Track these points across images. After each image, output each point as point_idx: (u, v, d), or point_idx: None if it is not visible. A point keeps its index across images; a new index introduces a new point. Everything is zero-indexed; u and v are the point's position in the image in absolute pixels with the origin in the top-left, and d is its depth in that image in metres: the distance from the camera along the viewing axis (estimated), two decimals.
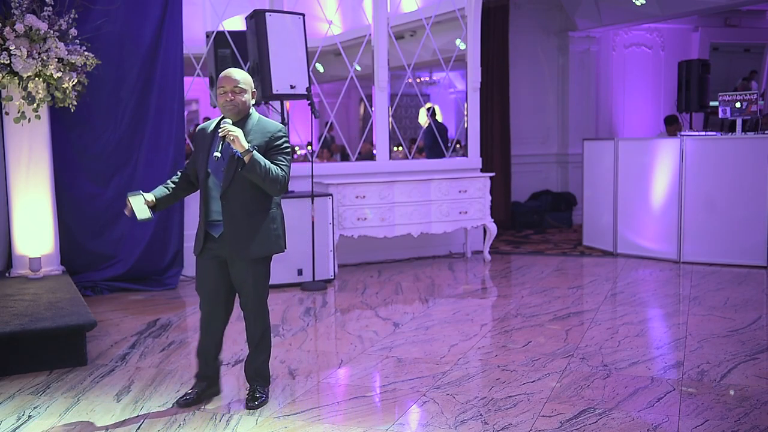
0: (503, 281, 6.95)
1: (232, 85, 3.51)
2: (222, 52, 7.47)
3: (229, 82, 3.52)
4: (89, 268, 6.43)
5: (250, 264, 3.60)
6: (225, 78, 3.54)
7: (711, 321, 5.19)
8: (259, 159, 3.44)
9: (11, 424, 3.50)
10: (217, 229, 3.58)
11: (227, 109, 3.54)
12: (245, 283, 3.64)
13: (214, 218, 3.58)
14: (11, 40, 5.42)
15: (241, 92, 3.53)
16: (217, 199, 3.54)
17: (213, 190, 3.57)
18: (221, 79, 3.54)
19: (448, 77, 10.63)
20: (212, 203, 3.57)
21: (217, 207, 3.56)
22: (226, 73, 3.56)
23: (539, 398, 3.72)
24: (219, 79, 3.56)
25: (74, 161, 6.32)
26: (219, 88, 3.54)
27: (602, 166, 8.15)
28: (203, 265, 3.65)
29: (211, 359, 3.76)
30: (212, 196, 3.57)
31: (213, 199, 3.57)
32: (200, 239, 3.61)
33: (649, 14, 9.66)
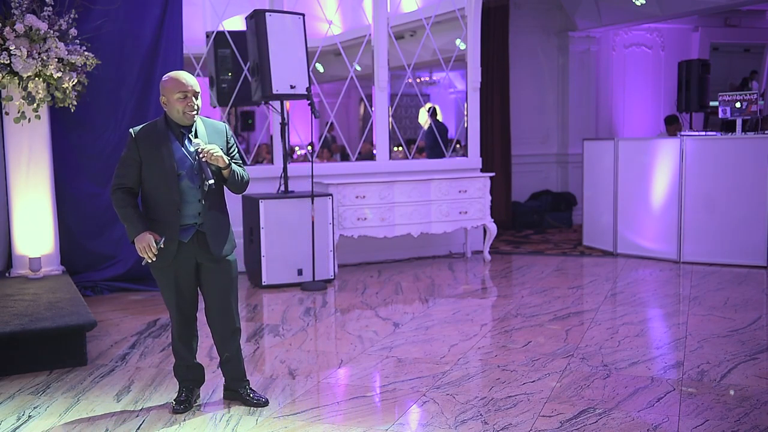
0: (503, 281, 6.94)
1: (192, 90, 3.38)
2: (222, 52, 7.47)
3: (188, 86, 3.37)
4: (89, 268, 6.43)
5: (229, 263, 3.59)
6: (181, 83, 3.37)
7: (711, 321, 5.19)
8: (235, 168, 3.50)
9: (11, 424, 3.50)
10: (187, 233, 3.46)
11: (188, 116, 3.40)
12: (225, 283, 3.59)
13: (187, 222, 3.45)
14: (11, 40, 5.42)
15: (198, 97, 3.43)
16: (193, 202, 3.44)
17: (188, 194, 3.43)
18: (176, 83, 3.36)
19: (448, 77, 10.63)
20: (186, 207, 3.43)
21: (192, 210, 3.44)
22: (179, 77, 3.39)
23: (539, 398, 3.72)
24: (171, 82, 3.37)
25: (74, 161, 6.32)
26: (176, 93, 3.35)
27: (602, 166, 8.15)
28: (174, 272, 3.50)
29: (195, 359, 3.74)
30: (187, 200, 3.42)
31: (187, 203, 3.43)
32: (171, 249, 3.43)
33: (649, 14, 9.66)
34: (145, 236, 3.36)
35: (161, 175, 3.40)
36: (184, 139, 3.45)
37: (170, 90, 3.38)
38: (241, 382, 3.72)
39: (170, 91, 3.38)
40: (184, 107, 3.38)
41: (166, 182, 3.40)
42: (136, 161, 3.43)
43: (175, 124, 3.45)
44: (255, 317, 5.62)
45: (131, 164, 3.44)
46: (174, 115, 3.42)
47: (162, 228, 3.41)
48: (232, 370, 3.71)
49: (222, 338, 3.67)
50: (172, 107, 3.40)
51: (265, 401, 3.68)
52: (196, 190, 3.44)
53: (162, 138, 3.42)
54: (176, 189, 3.40)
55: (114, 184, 3.46)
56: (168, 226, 3.42)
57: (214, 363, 4.40)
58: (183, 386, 3.69)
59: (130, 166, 3.44)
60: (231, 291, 3.63)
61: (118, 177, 3.46)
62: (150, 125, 3.49)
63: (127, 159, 3.44)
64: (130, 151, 3.43)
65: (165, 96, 3.41)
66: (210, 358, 4.50)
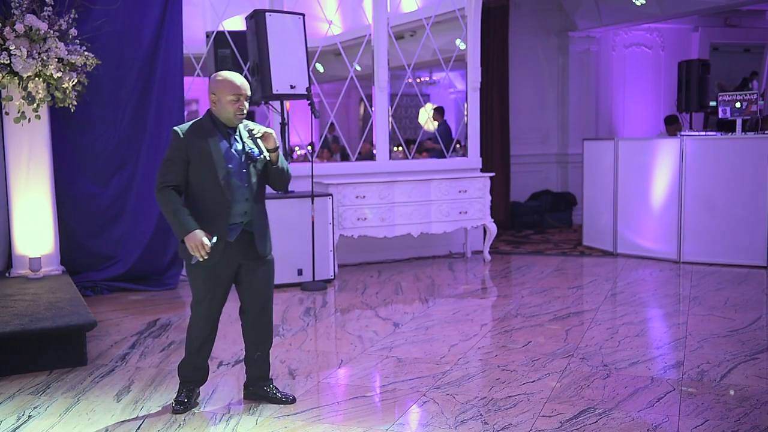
0: (503, 281, 6.94)
1: (245, 93, 3.42)
2: (222, 52, 7.47)
3: (241, 90, 3.41)
4: (89, 268, 6.43)
5: (270, 262, 3.62)
6: (235, 86, 3.40)
7: (711, 321, 5.19)
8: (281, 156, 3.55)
9: (11, 424, 3.50)
10: (233, 232, 3.47)
11: (239, 118, 3.44)
12: (265, 283, 3.62)
13: (234, 221, 3.45)
14: (11, 40, 5.42)
15: (248, 99, 3.46)
16: (241, 201, 3.45)
17: (236, 193, 3.44)
18: (231, 86, 3.39)
19: (448, 77, 10.62)
20: (234, 206, 3.44)
21: (240, 209, 3.46)
22: (233, 79, 3.42)
23: (539, 398, 3.72)
24: (225, 84, 3.40)
25: (74, 161, 6.32)
26: (229, 95, 3.38)
27: (602, 166, 8.15)
28: (215, 271, 3.48)
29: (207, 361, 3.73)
30: (235, 199, 3.43)
31: (235, 203, 3.43)
32: (218, 247, 3.41)
33: (649, 14, 9.66)
34: (196, 234, 3.33)
35: (211, 173, 3.39)
36: (230, 138, 3.47)
37: (223, 91, 3.40)
38: (266, 381, 3.73)
39: (223, 92, 3.40)
40: (236, 109, 3.41)
41: (217, 180, 3.39)
42: (183, 160, 3.42)
43: (222, 124, 3.46)
44: None
45: (178, 162, 3.42)
46: (223, 116, 3.44)
47: (210, 228, 3.39)
48: (260, 369, 3.72)
49: (257, 337, 3.67)
50: (222, 107, 3.42)
51: (292, 399, 3.69)
52: (243, 188, 3.45)
53: (210, 136, 3.43)
54: (228, 187, 3.40)
55: (159, 182, 3.42)
56: (217, 225, 3.41)
57: (213, 364, 4.40)
58: (184, 386, 3.66)
59: (177, 165, 3.42)
60: (271, 289, 3.67)
61: (163, 175, 3.42)
62: (195, 124, 3.48)
63: (174, 158, 3.42)
64: (178, 149, 3.41)
65: (216, 95, 3.42)
66: (210, 359, 4.49)
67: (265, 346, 3.70)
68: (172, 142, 3.45)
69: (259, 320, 3.66)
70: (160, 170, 3.46)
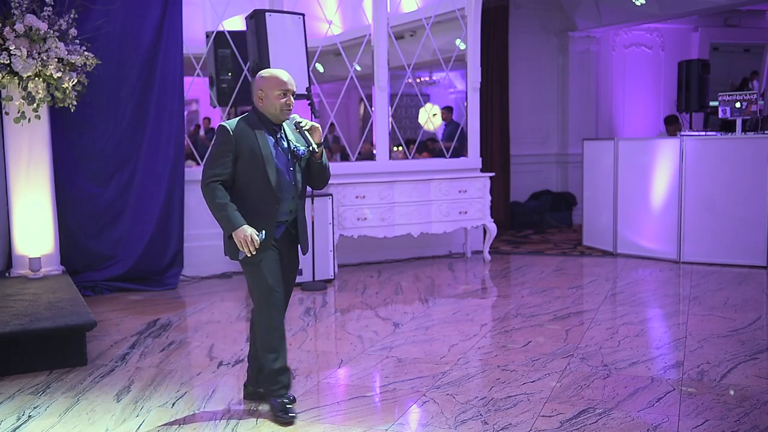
0: (503, 281, 6.94)
1: (291, 88, 3.41)
2: (222, 52, 7.47)
3: (288, 85, 3.40)
4: (89, 268, 6.43)
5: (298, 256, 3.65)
6: (282, 81, 3.39)
7: (711, 321, 5.19)
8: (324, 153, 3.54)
9: (11, 424, 3.50)
10: (279, 230, 3.46)
11: (286, 114, 3.42)
12: (295, 276, 3.69)
13: (281, 219, 3.45)
14: (11, 40, 5.42)
15: (294, 95, 3.45)
16: (288, 199, 3.43)
17: (285, 191, 3.43)
18: (278, 81, 3.39)
19: (448, 77, 10.63)
20: (284, 204, 3.42)
21: (287, 207, 3.45)
22: (280, 75, 3.41)
23: (539, 398, 3.72)
24: (273, 80, 3.39)
25: (74, 161, 6.32)
26: (276, 90, 3.37)
27: (602, 166, 8.15)
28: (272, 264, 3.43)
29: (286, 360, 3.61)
30: (284, 196, 3.41)
31: (284, 200, 3.42)
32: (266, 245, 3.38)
33: (649, 14, 9.66)
34: (245, 229, 3.29)
35: (260, 171, 3.36)
36: (276, 135, 3.45)
37: (270, 87, 3.39)
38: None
39: (270, 88, 3.39)
40: (283, 104, 3.40)
41: (267, 178, 3.36)
42: (232, 155, 3.36)
43: (268, 121, 3.44)
44: None
45: (227, 158, 3.36)
46: (270, 112, 3.42)
47: (257, 225, 3.36)
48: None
49: None
50: (270, 103, 3.40)
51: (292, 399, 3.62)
52: (291, 187, 3.44)
53: (258, 134, 3.39)
54: (278, 185, 3.38)
55: (207, 177, 3.36)
56: (264, 223, 3.38)
57: (213, 363, 4.40)
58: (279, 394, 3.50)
59: (225, 160, 3.36)
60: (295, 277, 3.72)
61: (212, 170, 3.36)
62: (242, 120, 3.43)
63: (223, 153, 3.36)
64: (227, 144, 3.36)
65: (263, 91, 3.41)
66: (210, 359, 4.50)
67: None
68: (220, 137, 3.38)
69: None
70: (207, 165, 3.40)
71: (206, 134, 12.75)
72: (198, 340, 4.94)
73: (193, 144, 8.38)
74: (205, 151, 8.87)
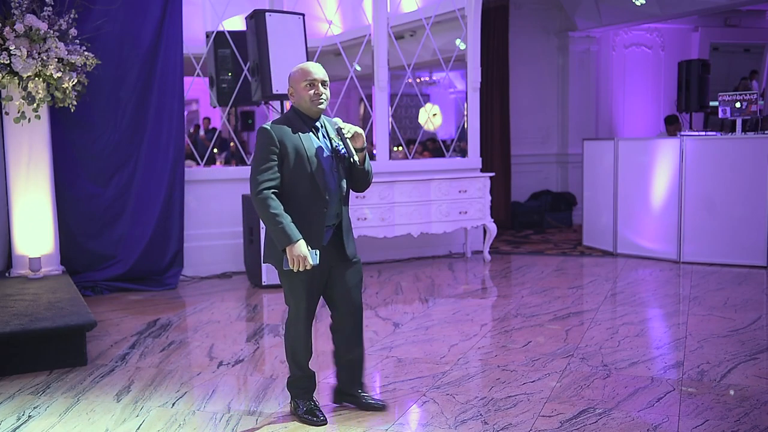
0: (503, 281, 6.94)
1: (319, 78, 3.27)
2: (222, 52, 7.47)
3: (313, 74, 3.26)
4: (89, 268, 6.43)
5: (359, 262, 3.48)
6: (307, 71, 3.27)
7: (711, 321, 5.19)
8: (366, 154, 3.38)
9: (11, 424, 3.50)
10: (327, 234, 3.33)
11: (316, 104, 3.27)
12: (358, 282, 3.48)
13: (329, 223, 3.32)
14: (11, 40, 5.42)
15: (326, 86, 3.32)
16: (334, 202, 3.30)
17: (332, 193, 3.29)
18: (302, 72, 3.27)
19: (448, 77, 10.64)
20: (331, 207, 3.30)
21: (334, 211, 3.31)
22: (305, 66, 3.29)
23: (539, 398, 3.72)
24: (297, 73, 3.28)
25: (74, 161, 6.32)
26: (302, 82, 3.25)
27: (602, 166, 8.15)
28: (314, 274, 3.30)
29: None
30: (331, 199, 3.29)
31: (332, 203, 3.29)
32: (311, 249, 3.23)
33: (649, 14, 9.66)
34: (300, 247, 3.16)
35: (305, 173, 3.23)
36: (318, 135, 3.32)
37: (297, 80, 3.28)
38: (360, 386, 3.62)
39: (297, 81, 3.28)
40: (312, 95, 3.26)
41: (314, 181, 3.23)
42: (277, 158, 3.22)
43: (308, 118, 3.31)
44: (255, 317, 5.62)
45: (272, 161, 3.21)
46: (302, 105, 3.30)
47: (305, 230, 3.22)
48: (353, 373, 3.60)
49: (349, 340, 3.54)
50: (300, 97, 3.29)
51: (383, 405, 3.57)
52: (337, 189, 3.31)
53: (300, 133, 3.27)
54: (325, 187, 3.25)
55: (257, 185, 3.19)
56: (313, 227, 3.25)
57: (213, 363, 4.40)
58: (305, 398, 3.50)
59: (271, 164, 3.21)
60: (361, 290, 3.53)
61: (261, 176, 3.20)
62: (282, 120, 3.31)
63: (267, 157, 3.21)
64: (270, 146, 3.21)
65: (292, 87, 3.31)
66: (210, 359, 4.50)
67: (358, 349, 3.57)
68: (263, 139, 3.23)
69: (352, 321, 3.52)
70: (255, 172, 3.22)
71: (206, 134, 12.77)
72: (198, 340, 4.94)
73: (193, 144, 8.39)
74: (205, 150, 8.88)
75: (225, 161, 11.35)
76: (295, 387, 3.53)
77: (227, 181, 7.17)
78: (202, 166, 7.41)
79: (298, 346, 3.44)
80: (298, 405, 3.50)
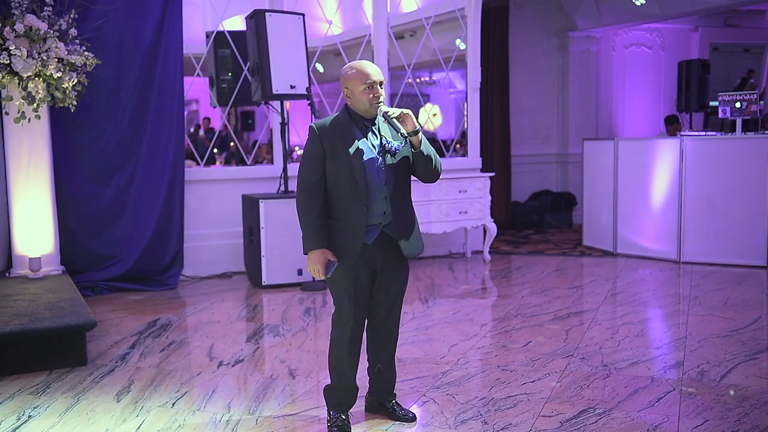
0: (503, 281, 6.94)
1: (377, 79, 3.21)
2: (222, 52, 7.48)
3: (372, 77, 3.20)
4: (89, 268, 6.43)
5: (406, 266, 3.38)
6: (366, 74, 3.20)
7: (711, 321, 5.19)
8: (425, 140, 3.25)
9: (11, 424, 3.50)
10: (372, 234, 3.23)
11: (375, 107, 3.21)
12: (402, 285, 3.39)
13: (373, 222, 3.22)
14: (11, 40, 5.42)
15: (382, 86, 3.25)
16: (379, 200, 3.20)
17: (374, 192, 3.20)
18: (361, 74, 3.19)
19: (448, 77, 10.64)
20: (373, 205, 3.20)
21: (378, 209, 3.21)
22: (363, 67, 3.22)
23: (539, 398, 3.72)
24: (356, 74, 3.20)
25: (74, 161, 6.32)
26: (361, 85, 3.18)
27: (602, 166, 8.15)
28: (356, 276, 3.23)
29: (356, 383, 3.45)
30: (373, 198, 3.20)
31: (374, 200, 3.20)
32: (356, 249, 3.19)
33: (649, 14, 9.66)
34: (320, 257, 3.16)
35: (346, 171, 3.17)
36: (368, 133, 3.26)
37: (354, 82, 3.20)
38: (389, 395, 3.52)
39: (354, 83, 3.20)
40: (371, 98, 3.20)
41: (354, 179, 3.17)
42: (321, 155, 3.20)
43: (359, 117, 3.25)
44: (255, 317, 5.62)
45: (317, 158, 3.21)
46: (359, 108, 3.23)
47: (346, 227, 3.20)
48: (384, 380, 3.50)
49: (382, 344, 3.46)
50: (357, 100, 3.21)
51: (412, 416, 3.46)
52: (382, 187, 3.21)
53: (347, 131, 3.22)
54: (366, 186, 3.17)
55: (302, 181, 3.22)
56: (353, 225, 3.20)
57: (213, 363, 4.40)
58: (339, 410, 3.37)
59: (316, 161, 3.21)
60: (403, 294, 3.45)
61: (304, 173, 3.22)
62: (333, 120, 3.26)
63: (312, 153, 3.21)
64: (315, 145, 3.20)
65: (349, 88, 3.22)
66: (210, 359, 4.50)
67: (388, 355, 3.47)
68: (310, 138, 3.24)
69: (388, 324, 3.43)
70: (302, 168, 3.25)
71: (206, 134, 12.77)
72: (198, 340, 4.94)
73: (193, 144, 8.39)
74: (205, 150, 8.88)
75: (225, 161, 11.36)
76: (330, 396, 3.40)
77: (227, 181, 7.17)
78: (202, 166, 7.41)
79: (337, 354, 3.34)
80: (330, 415, 3.38)
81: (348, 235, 3.20)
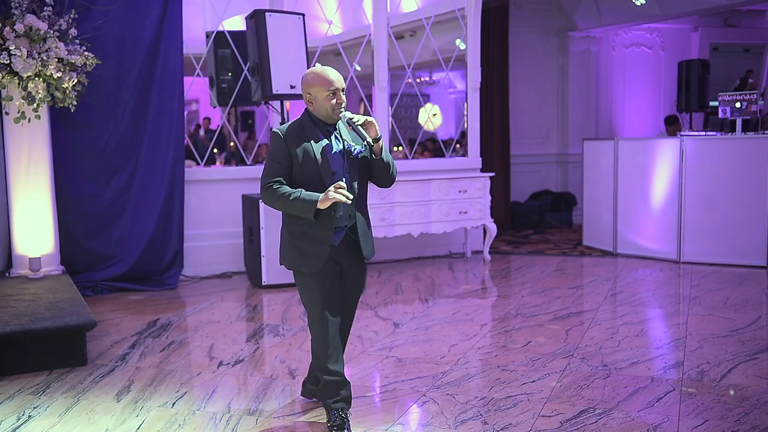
0: (503, 281, 6.94)
1: (340, 86, 3.24)
2: (222, 52, 7.48)
3: (335, 83, 3.22)
4: (89, 268, 6.43)
5: (365, 266, 3.49)
6: (329, 80, 3.22)
7: (711, 321, 5.19)
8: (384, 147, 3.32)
9: (11, 424, 3.50)
10: (338, 236, 3.29)
11: (337, 113, 3.25)
12: (361, 284, 3.50)
13: (339, 224, 3.28)
14: (11, 40, 5.42)
15: (343, 92, 3.28)
16: (346, 204, 3.21)
17: None
18: (323, 81, 3.22)
19: (448, 77, 10.64)
20: (339, 208, 3.24)
21: (345, 212, 3.28)
22: (326, 74, 3.24)
23: (539, 398, 3.72)
24: (318, 80, 3.23)
25: (74, 161, 6.32)
26: (324, 92, 3.21)
27: (602, 166, 8.15)
28: (326, 277, 3.30)
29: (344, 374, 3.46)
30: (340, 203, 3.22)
31: (341, 206, 3.24)
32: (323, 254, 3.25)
33: (649, 14, 9.66)
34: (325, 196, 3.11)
35: (314, 176, 3.22)
36: (331, 137, 3.29)
37: (318, 88, 3.23)
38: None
39: (318, 89, 3.23)
40: (333, 105, 3.23)
41: (322, 183, 3.20)
42: (288, 159, 3.24)
43: (321, 122, 3.29)
44: (255, 317, 5.62)
45: (283, 161, 3.24)
46: (321, 113, 3.26)
47: (314, 233, 3.24)
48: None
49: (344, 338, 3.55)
50: (320, 105, 3.25)
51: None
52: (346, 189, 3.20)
53: (311, 136, 3.25)
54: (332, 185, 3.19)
55: (265, 182, 3.25)
56: (322, 228, 3.23)
57: (213, 363, 4.40)
58: (335, 407, 3.37)
59: (281, 164, 3.24)
60: (360, 292, 3.54)
61: (268, 176, 3.25)
62: (295, 124, 3.29)
63: (278, 157, 3.25)
64: (280, 149, 3.24)
65: (311, 94, 3.25)
66: (210, 359, 4.50)
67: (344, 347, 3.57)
68: (274, 143, 3.27)
69: (346, 321, 3.51)
70: (265, 171, 3.27)
71: (206, 134, 12.77)
72: (198, 340, 4.94)
73: (193, 144, 8.39)
74: (205, 150, 8.88)
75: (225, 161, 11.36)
76: (326, 395, 3.40)
77: (227, 181, 7.17)
78: (202, 166, 7.41)
79: (322, 350, 3.38)
80: (330, 416, 3.38)
81: (316, 242, 3.25)
